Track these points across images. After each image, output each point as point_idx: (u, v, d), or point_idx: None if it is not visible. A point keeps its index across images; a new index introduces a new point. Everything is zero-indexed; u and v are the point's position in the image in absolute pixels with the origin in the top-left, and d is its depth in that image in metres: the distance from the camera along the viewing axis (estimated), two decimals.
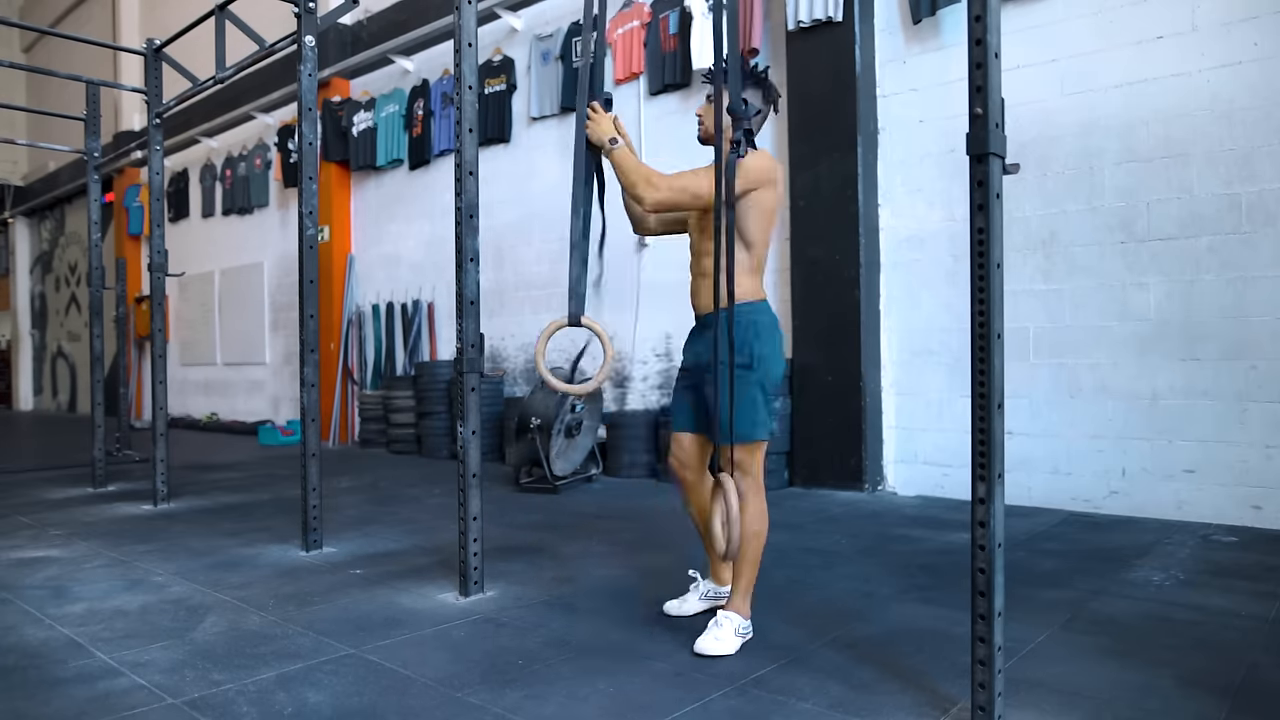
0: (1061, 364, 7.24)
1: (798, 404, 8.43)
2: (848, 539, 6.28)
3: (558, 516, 7.30)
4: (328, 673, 3.82)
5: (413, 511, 7.65)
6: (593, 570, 5.52)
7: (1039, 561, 5.55)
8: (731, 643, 3.96)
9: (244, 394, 16.79)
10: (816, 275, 8.30)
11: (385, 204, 13.57)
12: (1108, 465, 7.02)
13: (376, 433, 12.84)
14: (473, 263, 4.92)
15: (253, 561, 5.86)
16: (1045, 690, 3.50)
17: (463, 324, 4.91)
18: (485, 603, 4.83)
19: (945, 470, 7.88)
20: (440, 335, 12.84)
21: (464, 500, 4.92)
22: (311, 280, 6.19)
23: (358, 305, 14.02)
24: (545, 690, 3.60)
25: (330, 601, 4.90)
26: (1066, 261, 7.21)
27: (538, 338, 4.39)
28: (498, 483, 9.12)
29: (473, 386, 4.92)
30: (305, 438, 6.17)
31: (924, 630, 4.27)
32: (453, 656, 4.01)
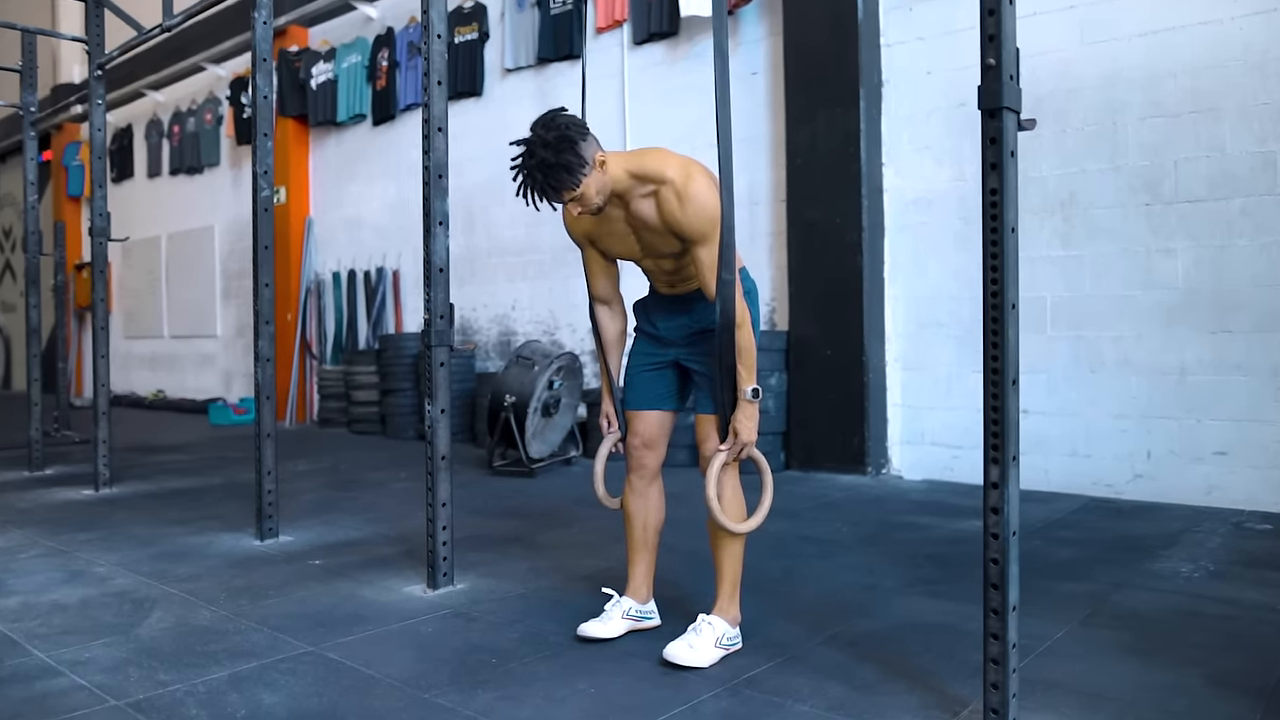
0: (1081, 336, 7.24)
1: (794, 380, 8.44)
2: (848, 527, 6.29)
3: (534, 502, 7.31)
4: (284, 672, 3.80)
5: (376, 497, 7.65)
6: (572, 561, 5.51)
7: (1057, 551, 5.56)
8: (709, 654, 3.83)
9: (193, 369, 16.74)
10: (814, 239, 8.29)
11: (346, 163, 13.52)
12: (1131, 447, 7.03)
13: (337, 411, 12.83)
14: (442, 226, 4.90)
15: (202, 551, 5.85)
16: (1063, 691, 3.50)
17: (431, 293, 4.89)
18: (455, 596, 4.83)
19: (955, 452, 7.90)
20: (406, 305, 12.82)
21: (432, 485, 4.91)
22: (266, 246, 6.16)
23: (316, 273, 14.00)
24: (520, 691, 3.59)
25: (287, 595, 4.90)
26: (1087, 225, 7.21)
27: (596, 456, 4.33)
28: (469, 466, 9.12)
29: (441, 361, 4.91)
30: (259, 417, 6.15)
31: (931, 626, 4.27)
32: (420, 654, 4.01)
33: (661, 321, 4.13)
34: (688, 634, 3.89)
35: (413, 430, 11.36)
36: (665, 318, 4.12)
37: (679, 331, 4.08)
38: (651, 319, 4.17)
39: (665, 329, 4.12)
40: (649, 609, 4.27)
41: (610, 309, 4.27)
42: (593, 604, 4.43)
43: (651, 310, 4.18)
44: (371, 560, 5.58)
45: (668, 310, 4.12)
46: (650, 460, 4.20)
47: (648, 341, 4.20)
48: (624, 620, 4.18)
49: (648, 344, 4.19)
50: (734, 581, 4.02)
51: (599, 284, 4.22)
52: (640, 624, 4.22)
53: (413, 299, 12.67)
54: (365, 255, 13.31)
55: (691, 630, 3.91)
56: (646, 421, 4.17)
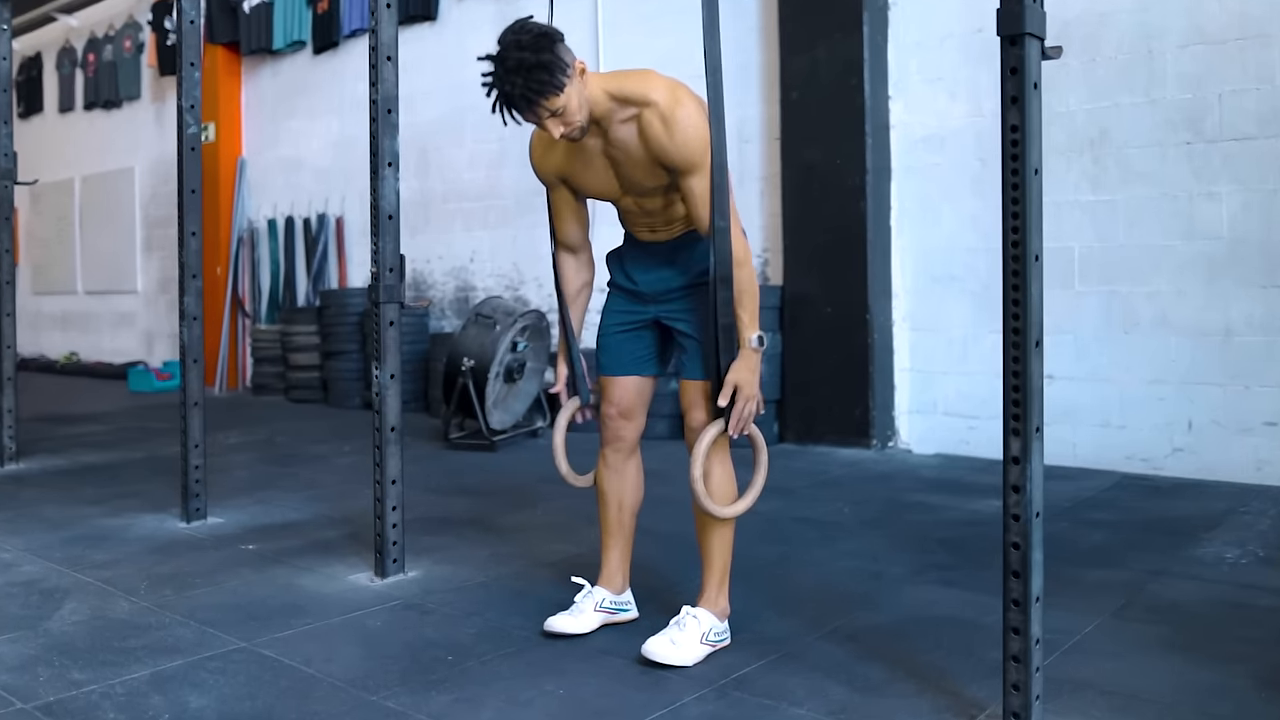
0: (1114, 292, 7.25)
1: (790, 342, 8.44)
2: (851, 507, 6.31)
3: (495, 479, 7.32)
4: (213, 671, 3.79)
5: (317, 473, 7.66)
6: (539, 546, 5.52)
7: (1086, 535, 5.58)
8: (693, 651, 3.81)
9: (110, 329, 16.68)
10: (813, 184, 8.27)
11: (284, 96, 13.48)
12: (1170, 416, 7.04)
13: (273, 377, 12.80)
14: (391, 168, 4.89)
15: (121, 535, 5.84)
16: (1094, 692, 3.50)
17: (379, 243, 4.88)
18: (406, 585, 4.83)
19: (971, 423, 7.90)
20: (351, 257, 12.82)
21: (380, 460, 4.91)
22: (193, 190, 6.12)
23: (250, 220, 13.96)
24: (479, 693, 3.58)
25: (216, 584, 4.89)
26: (1120, 166, 7.20)
27: (555, 428, 4.26)
28: (422, 438, 9.13)
29: (391, 320, 4.90)
30: (185, 383, 6.11)
31: (944, 619, 4.28)
32: (367, 651, 4.00)
33: (640, 274, 4.07)
34: (669, 629, 3.87)
35: (358, 398, 11.35)
36: (645, 270, 4.06)
37: (660, 285, 4.02)
38: (628, 272, 4.11)
39: (645, 283, 4.05)
40: (625, 600, 4.25)
41: (577, 258, 4.23)
42: (562, 595, 4.41)
43: (628, 262, 4.12)
44: (312, 545, 5.58)
45: (648, 261, 4.06)
46: (627, 432, 4.17)
47: (624, 298, 4.14)
48: (597, 613, 4.16)
49: (624, 301, 4.13)
50: (722, 570, 4.00)
51: (567, 228, 4.17)
52: (615, 617, 4.21)
53: (358, 250, 12.63)
54: (305, 200, 13.28)
55: (674, 624, 3.88)
56: (623, 388, 4.13)
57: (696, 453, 3.72)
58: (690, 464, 3.72)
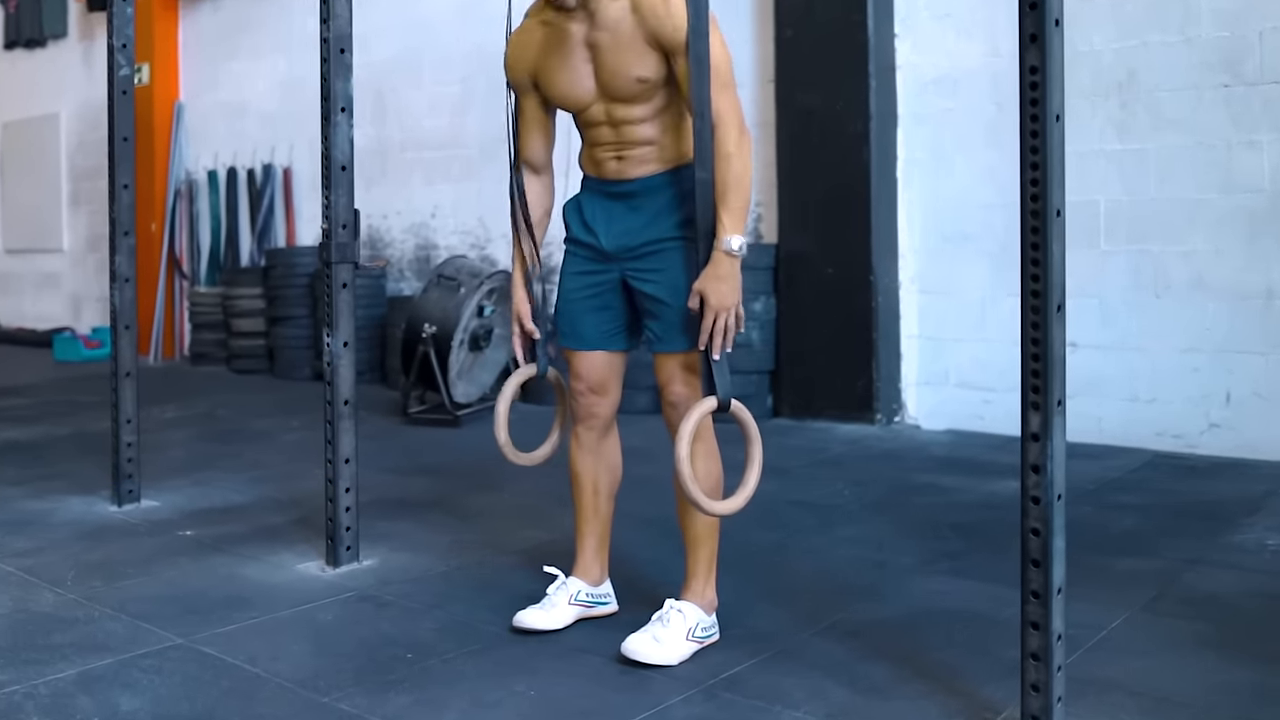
0: (1144, 251, 7.25)
1: (785, 306, 8.45)
2: (853, 489, 6.32)
3: (460, 459, 7.33)
4: (147, 670, 3.78)
5: (263, 452, 7.67)
6: (507, 532, 5.53)
7: (1114, 519, 5.60)
8: (678, 648, 3.80)
9: (34, 292, 16.63)
10: (811, 131, 8.26)
11: (225, 34, 13.45)
12: (1206, 388, 7.06)
13: (214, 345, 12.80)
14: (344, 114, 4.89)
15: (45, 519, 5.83)
16: (1121, 694, 3.50)
17: (331, 197, 4.87)
18: (362, 575, 4.83)
19: (986, 396, 7.91)
20: (300, 213, 12.83)
21: (332, 437, 4.90)
22: (126, 138, 6.10)
23: (188, 172, 13.95)
24: (442, 694, 3.58)
25: (151, 574, 4.88)
26: (1150, 112, 7.20)
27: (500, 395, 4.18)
28: (379, 412, 9.13)
29: (344, 282, 4.89)
30: (117, 351, 6.10)
31: (956, 613, 4.29)
32: (317, 648, 4.00)
33: (603, 225, 3.96)
34: (652, 624, 3.86)
35: (307, 368, 11.35)
36: (608, 219, 3.96)
37: (626, 239, 3.92)
38: (588, 223, 4.01)
39: (608, 236, 3.95)
40: (602, 592, 4.25)
41: (540, 179, 4.21)
42: (533, 586, 4.41)
43: (589, 210, 4.02)
44: (257, 530, 5.58)
45: (612, 208, 3.96)
46: (601, 408, 4.14)
47: (583, 257, 4.05)
48: (571, 606, 4.16)
49: (584, 260, 4.05)
50: (709, 559, 3.99)
51: (532, 143, 4.14)
52: (592, 611, 4.20)
53: (308, 204, 12.62)
54: (249, 150, 13.26)
55: (657, 620, 3.87)
56: (591, 363, 4.08)
57: (682, 434, 3.58)
58: (675, 449, 3.59)
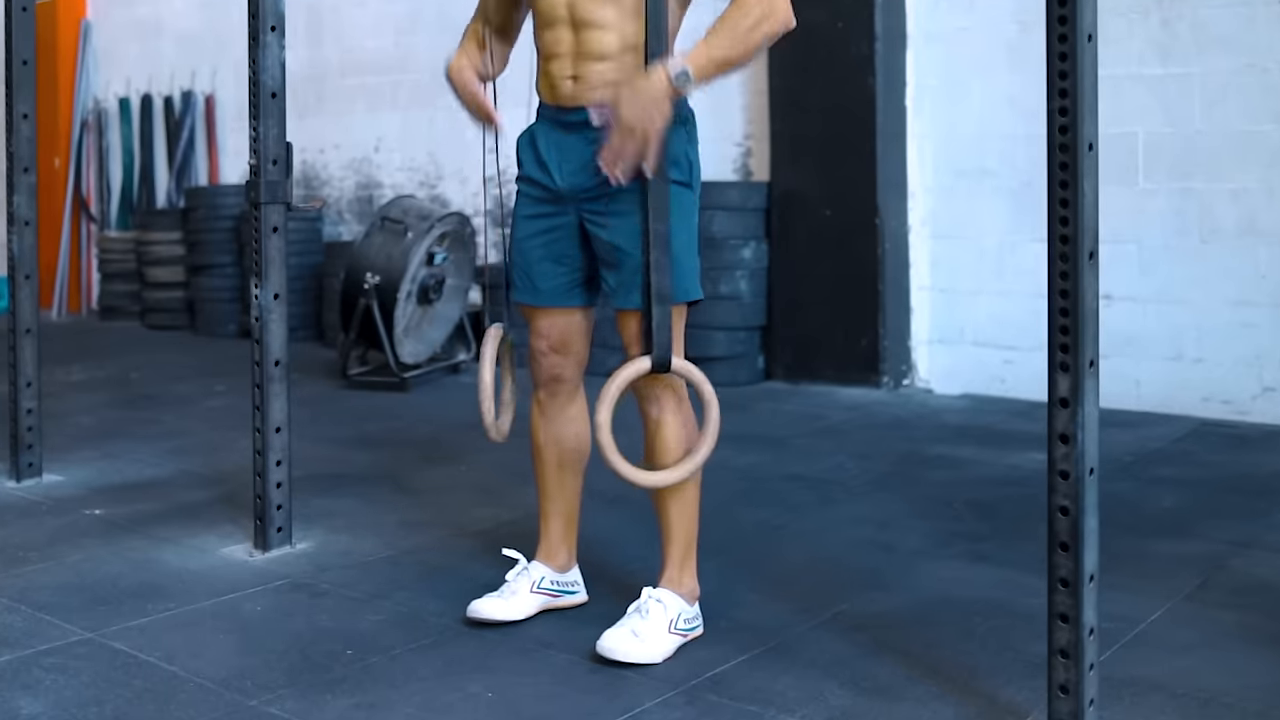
0: (1188, 190, 7.26)
1: (778, 254, 8.45)
2: (856, 461, 6.34)
3: (407, 427, 7.34)
4: (50, 668, 3.77)
5: (182, 419, 7.67)
6: (461, 511, 5.55)
7: (1153, 496, 5.63)
8: (661, 644, 3.79)
9: None
10: (809, 53, 8.20)
11: None
12: (1259, 348, 7.08)
13: (126, 297, 12.81)
14: (275, 33, 4.88)
15: None
16: (1163, 696, 3.51)
17: (260, 129, 4.86)
18: (295, 560, 4.83)
19: (1007, 355, 7.93)
20: (224, 146, 12.83)
21: (261, 402, 4.90)
22: (26, 60, 6.09)
23: (97, 99, 13.92)
24: (387, 696, 3.58)
25: (55, 558, 4.87)
26: (1194, 29, 7.20)
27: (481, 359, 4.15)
28: (315, 375, 9.15)
29: (275, 225, 4.88)
30: (16, 305, 6.10)
31: (974, 603, 4.30)
32: (244, 643, 4.01)
33: (556, 161, 3.92)
34: (630, 618, 3.84)
35: (234, 324, 11.37)
36: (562, 153, 3.92)
37: (581, 178, 3.87)
38: (542, 158, 3.96)
39: (561, 174, 3.91)
40: (569, 580, 4.26)
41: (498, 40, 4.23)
42: (491, 572, 4.42)
43: (543, 144, 3.98)
44: (175, 509, 5.57)
45: (566, 143, 3.91)
46: (565, 370, 4.12)
47: (536, 198, 4.01)
48: (534, 595, 4.16)
49: (536, 202, 4.02)
50: (686, 541, 3.98)
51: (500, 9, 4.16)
52: (557, 600, 4.21)
53: (234, 137, 12.63)
54: (166, 74, 13.23)
55: (635, 612, 3.86)
56: (551, 320, 4.07)
57: (604, 394, 3.61)
58: (596, 407, 3.65)
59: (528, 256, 4.04)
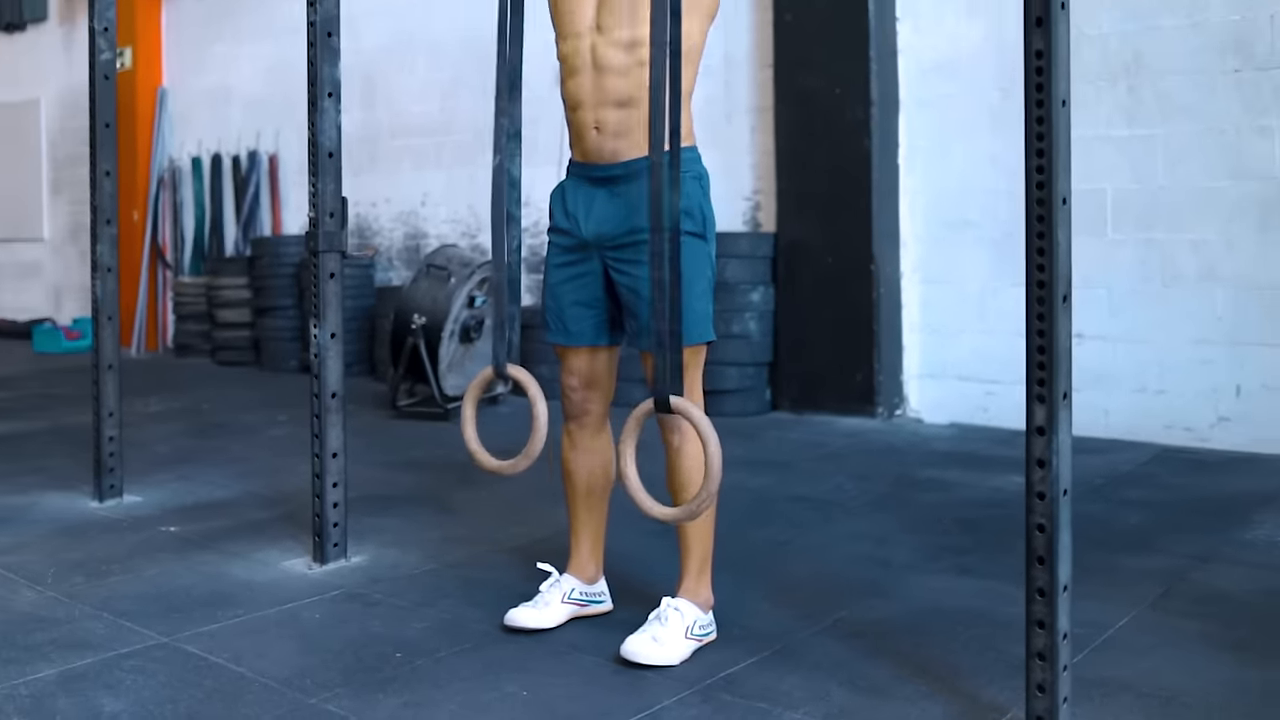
0: (1151, 240, 7.25)
1: (784, 297, 8.45)
2: (854, 483, 6.33)
3: (451, 453, 7.27)
4: (130, 670, 3.77)
5: (248, 446, 7.67)
6: (499, 528, 5.54)
7: (1122, 515, 5.61)
8: (678, 647, 3.80)
9: (13, 282, 16.59)
10: (810, 117, 8.25)
11: (211, 17, 13.43)
12: (1216, 381, 7.06)
13: (198, 336, 12.81)
14: (331, 99, 4.89)
15: (25, 515, 5.83)
16: (1130, 695, 3.51)
17: (318, 184, 4.87)
18: (349, 573, 4.83)
19: (990, 388, 7.91)
20: (287, 201, 12.82)
21: (319, 431, 4.90)
22: (107, 124, 6.08)
23: (172, 159, 13.92)
24: (432, 695, 3.58)
25: (134, 571, 4.87)
26: (1158, 97, 7.20)
27: (465, 394, 4.12)
28: (367, 406, 9.15)
29: (332, 272, 4.88)
30: (99, 343, 6.09)
31: (960, 611, 4.29)
32: (304, 647, 4.00)
33: (584, 211, 3.95)
34: (650, 624, 3.86)
35: (294, 360, 11.36)
36: (586, 204, 3.95)
37: (606, 227, 3.90)
38: (570, 210, 3.99)
39: (588, 225, 3.94)
40: (597, 590, 4.26)
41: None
42: (525, 584, 4.42)
43: (572, 198, 4.00)
44: (242, 527, 5.58)
45: (594, 196, 3.94)
46: (593, 404, 4.14)
47: (565, 246, 4.03)
48: (565, 605, 4.16)
49: (565, 250, 4.03)
50: (703, 556, 4.00)
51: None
52: (586, 609, 4.22)
53: (295, 192, 12.61)
54: (234, 136, 13.24)
55: (654, 619, 3.87)
56: (580, 358, 4.10)
57: (625, 432, 3.56)
58: (620, 445, 3.60)
59: (559, 301, 4.05)
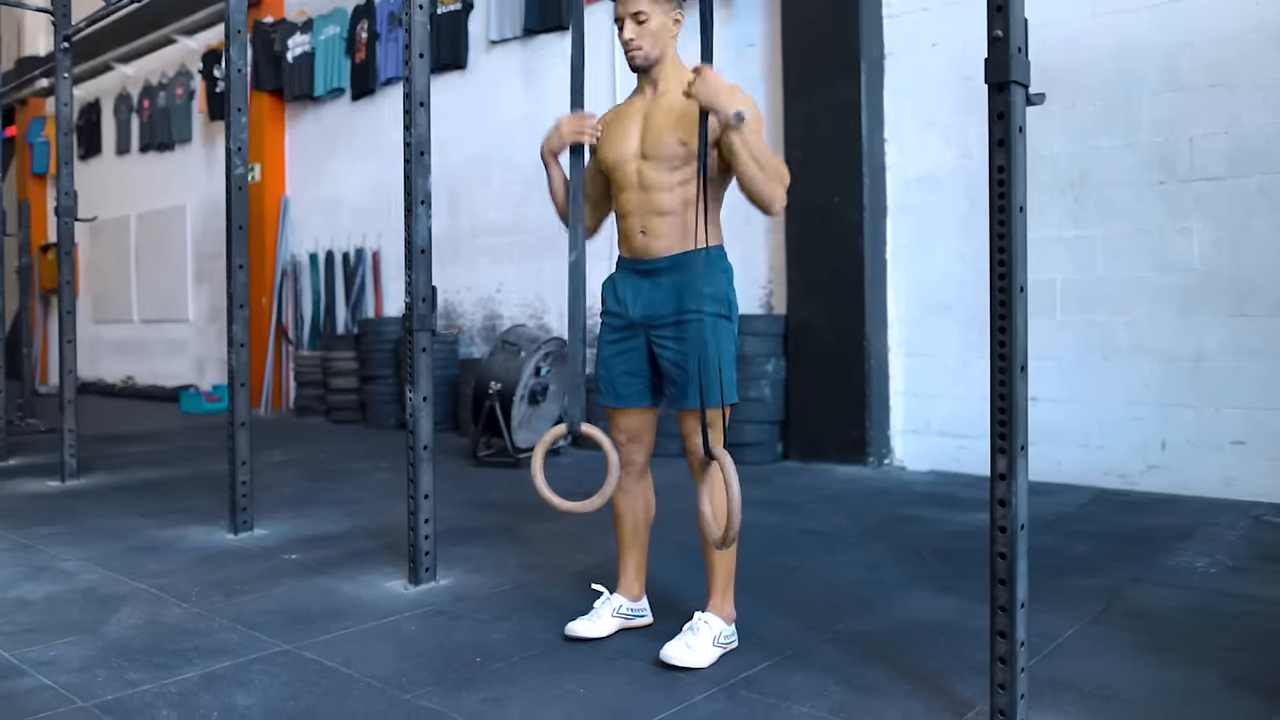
0: (1093, 321, 7.24)
1: (793, 367, 8.44)
2: (850, 520, 6.29)
3: (520, 494, 7.28)
4: (259, 672, 3.80)
5: (356, 489, 7.65)
6: (560, 555, 5.53)
7: (1068, 545, 5.57)
8: (707, 653, 3.82)
9: (164, 355, 16.68)
10: (814, 221, 8.26)
11: (324, 139, 13.50)
12: (1146, 436, 7.03)
13: (314, 399, 12.82)
14: (424, 206, 4.90)
15: (173, 545, 5.84)
16: (1074, 692, 3.50)
17: (413, 275, 4.89)
18: (438, 592, 4.83)
19: (961, 442, 7.88)
20: (387, 289, 12.80)
21: (414, 476, 4.91)
22: (241, 226, 6.14)
23: (293, 254, 13.97)
24: (507, 691, 3.59)
25: (262, 591, 4.89)
26: (1099, 204, 7.20)
27: (536, 447, 4.13)
28: (452, 456, 9.10)
29: (424, 346, 4.91)
30: (233, 404, 6.13)
31: (937, 624, 4.28)
32: (401, 653, 4.01)
33: (631, 297, 4.03)
34: (684, 634, 3.88)
35: (393, 419, 11.35)
36: (634, 292, 4.02)
37: (650, 310, 3.98)
38: (620, 296, 4.07)
39: (635, 308, 4.01)
40: (640, 606, 4.27)
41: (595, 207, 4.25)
42: (582, 601, 4.43)
43: (621, 287, 4.08)
44: (350, 555, 5.58)
45: (639, 285, 4.01)
46: (637, 455, 4.18)
47: (616, 326, 4.10)
48: (614, 618, 4.18)
49: (616, 329, 4.10)
50: (727, 577, 4.02)
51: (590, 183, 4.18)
52: (631, 622, 4.22)
53: (393, 282, 12.63)
54: (344, 236, 13.30)
55: (688, 629, 3.90)
56: (628, 417, 4.13)
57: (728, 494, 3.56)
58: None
59: (610, 370, 4.10)
